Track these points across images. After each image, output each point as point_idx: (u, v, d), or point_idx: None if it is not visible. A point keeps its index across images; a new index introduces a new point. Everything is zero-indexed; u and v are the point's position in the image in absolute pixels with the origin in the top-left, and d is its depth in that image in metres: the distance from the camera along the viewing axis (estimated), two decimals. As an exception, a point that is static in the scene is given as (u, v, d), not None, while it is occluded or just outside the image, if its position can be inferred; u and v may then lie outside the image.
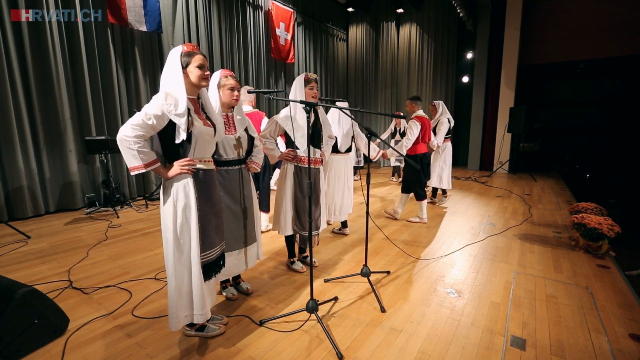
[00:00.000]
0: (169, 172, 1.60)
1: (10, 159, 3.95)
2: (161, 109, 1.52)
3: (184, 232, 1.61)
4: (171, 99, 1.54)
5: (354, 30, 10.37)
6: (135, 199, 5.24)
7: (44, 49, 4.11)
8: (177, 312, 1.62)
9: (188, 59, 1.60)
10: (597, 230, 2.88)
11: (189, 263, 1.63)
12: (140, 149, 1.51)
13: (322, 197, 2.60)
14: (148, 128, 1.53)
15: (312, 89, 2.36)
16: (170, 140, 1.60)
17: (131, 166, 1.54)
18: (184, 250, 1.62)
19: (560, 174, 7.95)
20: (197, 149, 1.66)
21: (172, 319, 1.62)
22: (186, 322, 1.67)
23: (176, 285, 1.60)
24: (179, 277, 1.61)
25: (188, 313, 1.66)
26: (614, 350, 1.71)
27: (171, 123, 1.56)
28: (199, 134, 1.63)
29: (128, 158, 1.52)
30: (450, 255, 3.00)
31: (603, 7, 7.04)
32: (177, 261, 1.60)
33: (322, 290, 2.35)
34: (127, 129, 1.50)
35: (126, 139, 1.50)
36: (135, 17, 4.86)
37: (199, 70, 1.61)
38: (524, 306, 2.14)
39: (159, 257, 2.94)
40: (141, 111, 1.53)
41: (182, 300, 1.63)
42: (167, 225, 1.60)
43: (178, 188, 1.60)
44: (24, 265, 2.77)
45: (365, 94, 10.40)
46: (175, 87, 1.55)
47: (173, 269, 1.60)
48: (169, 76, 1.58)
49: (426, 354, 1.69)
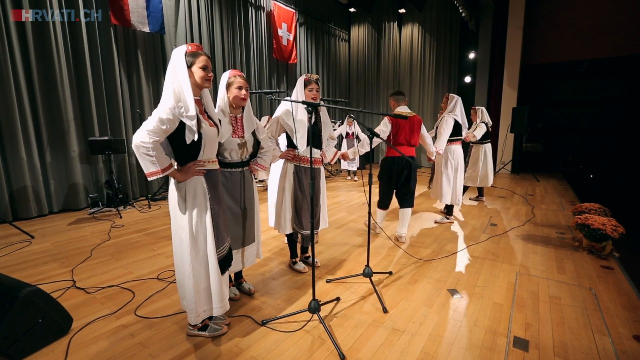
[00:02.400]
0: (183, 175, 1.62)
1: (15, 160, 3.98)
2: (172, 113, 1.52)
3: (200, 230, 1.66)
4: (181, 102, 1.54)
5: (355, 31, 10.37)
6: (138, 199, 5.27)
7: (47, 50, 4.14)
8: (197, 307, 1.70)
9: (192, 59, 1.60)
10: (600, 231, 2.86)
11: (206, 260, 1.69)
12: (157, 155, 1.52)
13: (323, 196, 2.61)
14: (162, 133, 1.53)
15: (312, 90, 2.36)
16: (181, 143, 1.61)
17: (149, 172, 1.53)
18: (200, 249, 1.68)
19: (563, 174, 7.90)
20: (205, 149, 1.69)
21: (191, 313, 1.71)
22: (205, 316, 1.75)
23: (194, 282, 1.67)
24: (197, 275, 1.68)
25: (207, 307, 1.74)
26: (618, 352, 1.70)
27: (181, 125, 1.57)
28: (206, 135, 1.66)
29: (145, 164, 1.52)
30: (453, 256, 2.99)
31: (607, 6, 6.99)
32: (194, 260, 1.66)
33: (324, 291, 2.35)
34: (144, 135, 1.48)
35: (144, 145, 1.48)
36: (138, 18, 4.88)
37: (203, 71, 1.61)
38: (527, 307, 2.13)
39: (162, 257, 2.95)
40: (153, 116, 1.51)
41: (200, 296, 1.70)
42: (182, 225, 1.64)
43: (192, 189, 1.65)
44: (28, 265, 2.78)
45: (367, 94, 10.39)
46: (183, 87, 1.55)
47: (191, 268, 1.65)
48: (175, 76, 1.57)
49: (428, 354, 1.68)
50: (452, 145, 3.91)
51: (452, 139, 3.86)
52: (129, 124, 5.13)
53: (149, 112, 5.32)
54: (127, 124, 5.11)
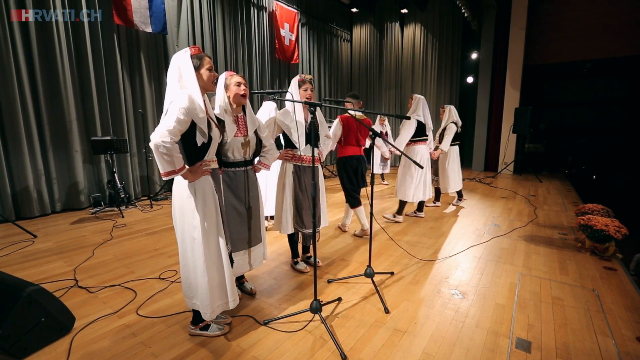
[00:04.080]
0: (193, 175, 1.64)
1: (18, 159, 4.00)
2: (188, 114, 1.53)
3: (211, 228, 1.69)
4: (194, 103, 1.56)
5: (357, 31, 10.36)
6: (140, 199, 5.27)
7: (50, 50, 4.16)
8: (212, 303, 1.71)
9: (199, 62, 1.63)
10: (603, 232, 2.85)
11: (218, 256, 1.73)
12: (175, 155, 1.52)
13: (322, 195, 2.61)
14: (179, 133, 1.54)
15: (307, 90, 2.39)
16: (190, 143, 1.63)
17: (166, 171, 1.53)
18: (212, 246, 1.70)
19: (565, 175, 7.87)
20: (211, 149, 1.73)
21: (206, 309, 1.71)
22: (219, 311, 1.77)
23: (209, 279, 1.68)
24: (211, 272, 1.70)
25: (221, 302, 1.76)
26: (621, 354, 1.69)
27: (192, 126, 1.59)
28: (214, 135, 1.70)
29: (163, 164, 1.51)
30: (455, 257, 2.99)
31: (610, 7, 6.96)
32: (207, 258, 1.68)
33: (325, 291, 2.35)
34: (165, 135, 1.47)
35: (165, 145, 1.46)
36: (141, 18, 4.90)
37: (209, 72, 1.65)
38: (530, 308, 2.12)
39: (164, 256, 2.96)
40: (170, 116, 1.50)
41: (215, 292, 1.73)
42: (194, 225, 1.65)
43: (202, 188, 1.67)
44: (31, 264, 2.80)
45: (369, 94, 10.38)
46: (193, 90, 1.58)
47: (204, 266, 1.67)
48: (184, 79, 1.59)
49: (430, 355, 1.68)
50: (417, 145, 3.97)
51: (416, 140, 3.95)
52: (131, 123, 5.15)
53: (151, 112, 5.34)
54: (130, 123, 5.12)
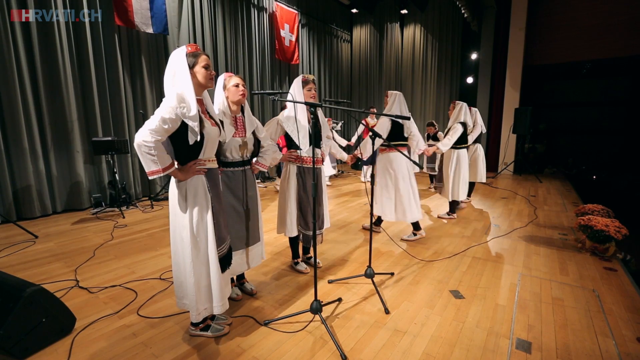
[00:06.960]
0: (184, 174, 1.63)
1: (19, 160, 4.01)
2: (175, 112, 1.53)
3: (201, 229, 1.67)
4: (183, 102, 1.55)
5: (357, 32, 10.37)
6: (141, 199, 5.29)
7: (52, 51, 4.17)
8: (197, 305, 1.70)
9: (194, 60, 1.61)
10: (604, 233, 2.85)
11: (206, 258, 1.70)
12: (159, 154, 1.53)
13: (324, 196, 2.61)
14: (164, 132, 1.54)
15: (310, 90, 2.38)
16: (182, 142, 1.62)
17: (150, 170, 1.54)
18: (201, 247, 1.68)
19: (566, 176, 7.87)
20: (207, 149, 1.70)
21: (193, 311, 1.71)
22: (205, 314, 1.75)
23: (195, 281, 1.67)
24: (198, 273, 1.68)
25: (207, 305, 1.74)
26: (622, 354, 1.69)
27: (183, 125, 1.58)
28: (209, 135, 1.67)
29: (147, 163, 1.53)
30: (455, 257, 2.99)
31: (609, 7, 6.97)
32: (195, 258, 1.67)
33: (326, 292, 2.35)
34: (146, 134, 1.49)
35: (146, 144, 1.49)
36: (142, 19, 4.91)
37: (205, 70, 1.63)
38: (530, 309, 2.12)
39: (164, 257, 2.96)
40: (156, 115, 1.52)
41: (201, 294, 1.71)
42: (184, 224, 1.64)
43: (193, 188, 1.65)
44: (32, 264, 2.80)
45: (369, 95, 10.39)
46: (185, 88, 1.57)
47: (192, 266, 1.66)
48: (177, 77, 1.59)
49: (430, 355, 1.68)
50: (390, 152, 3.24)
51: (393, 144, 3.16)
52: (132, 124, 5.15)
53: (151, 113, 5.30)
54: (130, 124, 5.13)
